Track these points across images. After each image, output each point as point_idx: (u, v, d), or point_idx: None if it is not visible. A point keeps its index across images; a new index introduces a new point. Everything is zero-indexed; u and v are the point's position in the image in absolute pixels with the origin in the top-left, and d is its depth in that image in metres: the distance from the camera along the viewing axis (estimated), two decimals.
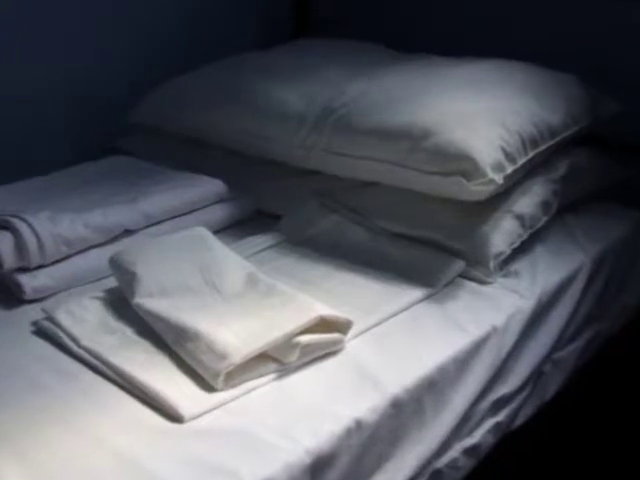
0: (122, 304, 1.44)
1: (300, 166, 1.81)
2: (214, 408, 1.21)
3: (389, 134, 1.64)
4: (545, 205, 1.71)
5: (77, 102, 2.15)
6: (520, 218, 1.64)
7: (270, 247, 1.69)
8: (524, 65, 1.87)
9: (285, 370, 1.29)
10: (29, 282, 1.51)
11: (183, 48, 2.30)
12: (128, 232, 1.66)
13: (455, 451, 1.40)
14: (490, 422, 1.47)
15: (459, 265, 1.58)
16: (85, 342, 1.34)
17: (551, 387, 1.65)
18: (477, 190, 1.54)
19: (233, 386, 1.24)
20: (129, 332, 1.38)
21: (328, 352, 1.34)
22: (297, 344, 1.28)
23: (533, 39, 2.10)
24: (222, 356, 1.24)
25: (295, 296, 1.38)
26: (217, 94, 1.96)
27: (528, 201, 1.67)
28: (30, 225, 1.53)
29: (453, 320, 1.46)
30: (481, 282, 1.58)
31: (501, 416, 1.49)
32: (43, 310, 1.45)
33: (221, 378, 1.23)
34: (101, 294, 1.49)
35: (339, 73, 1.90)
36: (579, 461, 1.83)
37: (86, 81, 2.16)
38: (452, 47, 2.08)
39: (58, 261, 1.56)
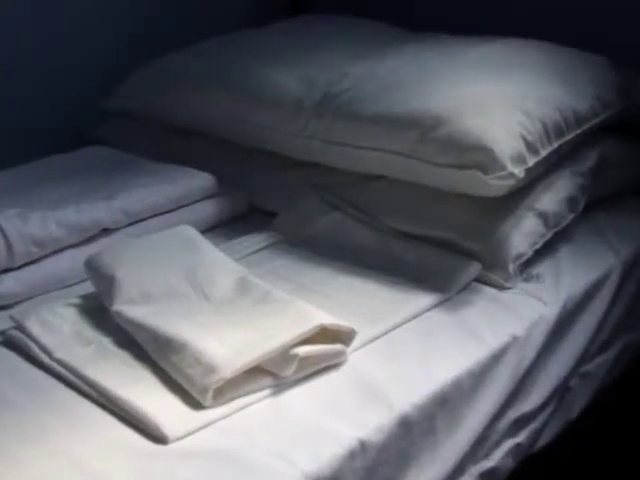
0: (99, 312, 1.44)
1: (298, 157, 1.82)
2: (202, 427, 1.22)
3: (396, 122, 1.65)
4: (571, 201, 1.71)
5: (48, 85, 2.15)
6: (543, 216, 1.65)
7: (265, 248, 1.70)
8: (546, 44, 1.87)
9: (281, 385, 1.30)
10: None
11: (169, 26, 2.30)
12: (106, 231, 1.66)
13: (470, 475, 1.40)
14: (509, 443, 1.48)
15: (475, 268, 1.58)
16: (58, 354, 1.35)
17: (577, 404, 1.65)
18: (495, 185, 1.54)
19: (223, 403, 1.25)
20: (107, 343, 1.39)
21: (329, 365, 1.34)
22: (295, 356, 1.28)
23: (557, 14, 2.10)
24: (211, 370, 1.24)
25: (292, 303, 1.39)
26: (206, 76, 1.96)
27: (552, 197, 1.68)
28: None
29: (468, 329, 1.47)
30: (499, 287, 1.58)
31: (521, 437, 1.50)
32: (11, 318, 1.45)
33: (210, 394, 1.23)
34: (76, 300, 1.49)
35: (341, 54, 1.90)
36: None
37: (59, 61, 2.16)
38: (464, 24, 2.08)
39: (28, 264, 1.56)
